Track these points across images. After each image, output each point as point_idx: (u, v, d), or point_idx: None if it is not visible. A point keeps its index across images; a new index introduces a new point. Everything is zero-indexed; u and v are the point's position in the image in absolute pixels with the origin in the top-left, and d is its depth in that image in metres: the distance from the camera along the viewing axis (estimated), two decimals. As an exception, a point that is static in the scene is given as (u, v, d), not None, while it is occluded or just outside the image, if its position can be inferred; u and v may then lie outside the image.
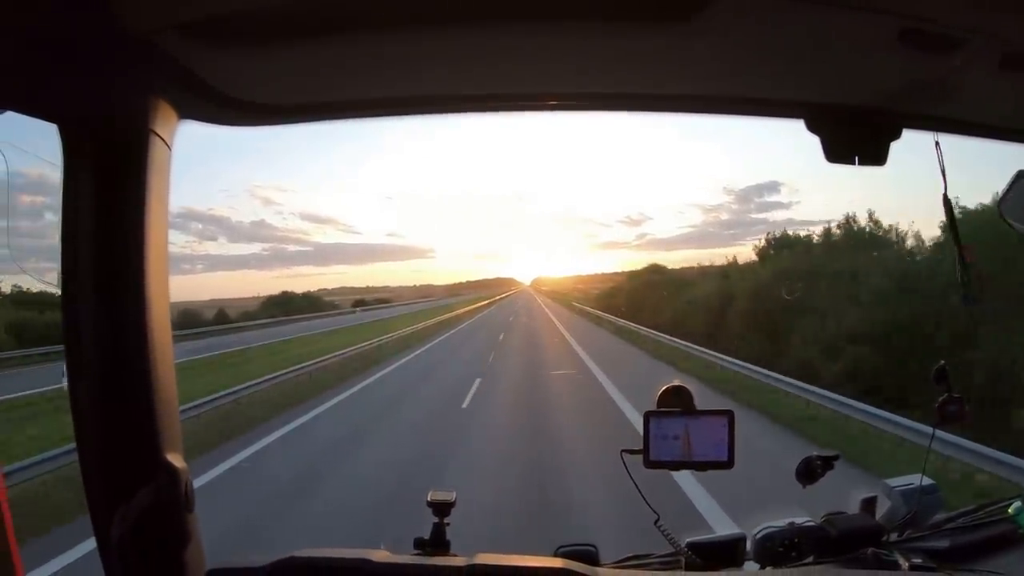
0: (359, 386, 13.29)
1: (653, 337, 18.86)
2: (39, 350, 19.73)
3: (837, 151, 1.11)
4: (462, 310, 45.58)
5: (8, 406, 11.41)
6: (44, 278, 0.83)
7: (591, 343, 20.60)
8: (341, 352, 16.62)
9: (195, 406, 9.16)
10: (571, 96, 1.09)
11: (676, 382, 1.22)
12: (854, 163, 1.11)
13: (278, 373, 12.68)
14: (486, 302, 66.42)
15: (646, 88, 1.08)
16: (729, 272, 23.69)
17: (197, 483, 0.94)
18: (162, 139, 0.89)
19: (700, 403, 1.19)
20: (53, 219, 0.84)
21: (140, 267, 0.85)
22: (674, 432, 1.17)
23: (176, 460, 0.91)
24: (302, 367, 13.77)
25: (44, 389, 11.49)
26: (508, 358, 17.39)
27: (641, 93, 1.09)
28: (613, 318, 26.77)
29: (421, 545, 1.18)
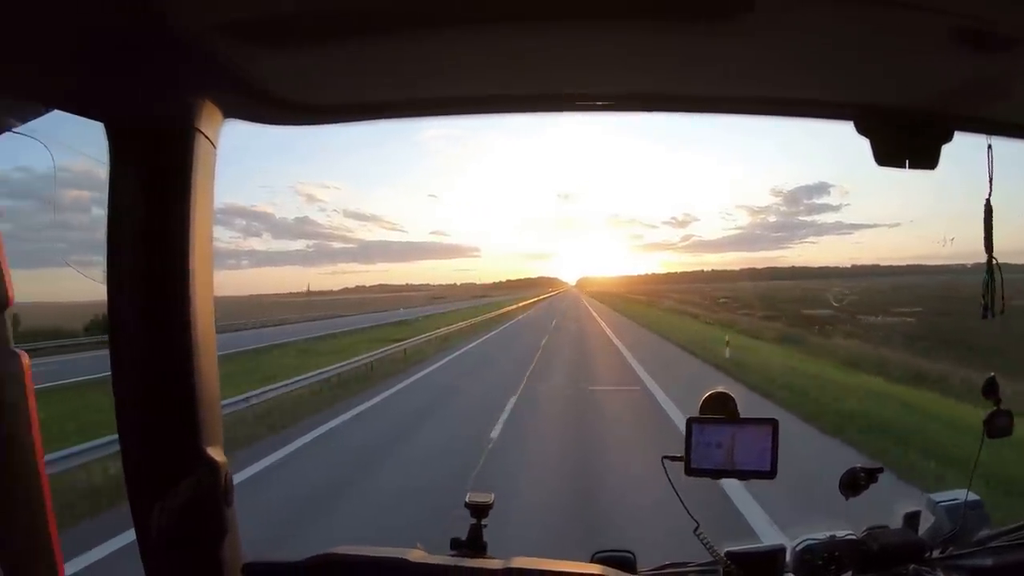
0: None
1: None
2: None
3: (887, 154, 1.08)
4: (492, 314, 40.09)
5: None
6: (90, 273, 0.84)
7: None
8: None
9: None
10: (617, 96, 1.08)
11: (721, 388, 1.19)
12: (904, 166, 1.08)
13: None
14: (518, 305, 60.02)
15: (694, 89, 1.06)
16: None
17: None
18: (207, 138, 0.90)
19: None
20: (100, 215, 0.84)
21: (185, 263, 0.87)
22: (717, 439, 1.15)
23: (216, 454, 0.92)
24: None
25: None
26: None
27: (689, 94, 1.07)
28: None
29: (458, 546, 1.18)
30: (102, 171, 0.84)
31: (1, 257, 0.68)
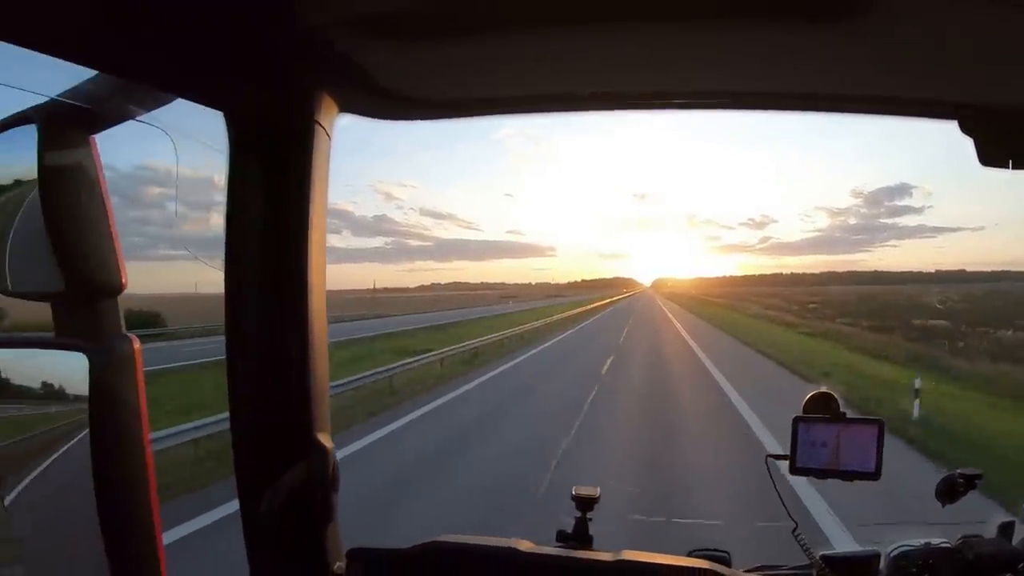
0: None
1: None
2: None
3: (991, 153, 1.04)
4: (554, 317, 35.14)
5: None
6: (211, 264, 0.87)
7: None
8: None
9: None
10: (706, 94, 1.07)
11: (823, 387, 1.19)
12: (1008, 166, 1.03)
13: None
14: (590, 306, 56.80)
15: (786, 86, 1.04)
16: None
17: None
18: (325, 131, 0.92)
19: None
20: (220, 206, 0.87)
21: (301, 254, 0.89)
22: (822, 439, 1.15)
23: (325, 440, 0.94)
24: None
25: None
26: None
27: (781, 92, 1.06)
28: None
29: (564, 538, 1.19)
30: (221, 161, 0.87)
31: (116, 243, 0.73)
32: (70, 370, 0.70)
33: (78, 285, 0.71)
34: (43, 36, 0.64)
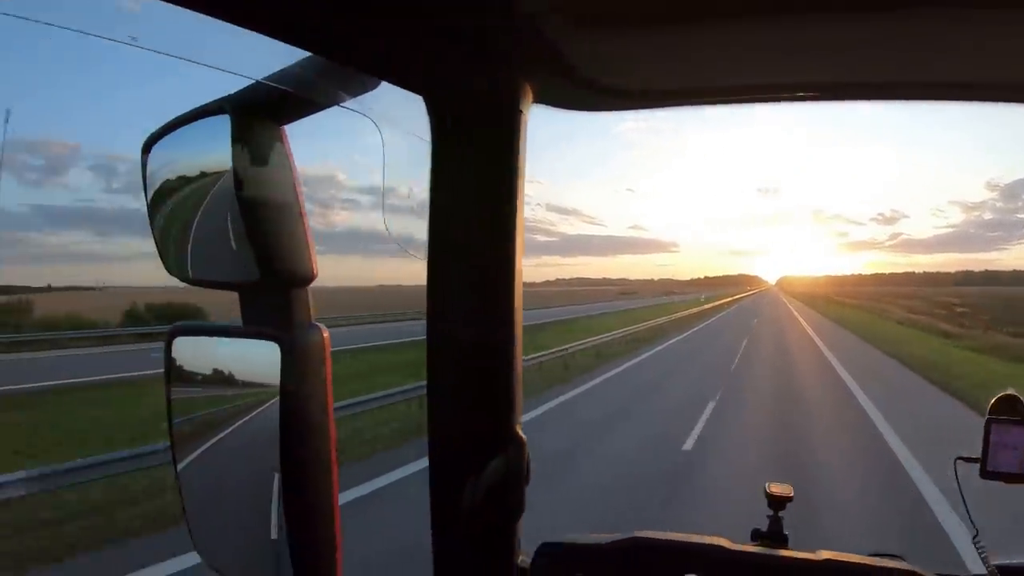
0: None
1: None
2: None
3: None
4: (659, 320, 32.04)
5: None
6: (416, 254, 0.87)
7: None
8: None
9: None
10: (845, 85, 0.99)
11: (1010, 390, 1.14)
12: None
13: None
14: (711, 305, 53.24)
15: (918, 75, 0.96)
16: None
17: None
18: (522, 121, 0.90)
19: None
20: (422, 195, 0.87)
21: (503, 244, 0.88)
22: (1014, 442, 1.11)
23: (520, 431, 0.93)
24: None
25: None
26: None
27: (914, 81, 0.97)
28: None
29: (759, 537, 1.16)
30: (423, 149, 0.87)
31: (307, 233, 0.74)
32: (261, 358, 0.72)
33: (271, 275, 0.72)
34: (249, 13, 0.64)
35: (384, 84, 0.80)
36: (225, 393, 0.79)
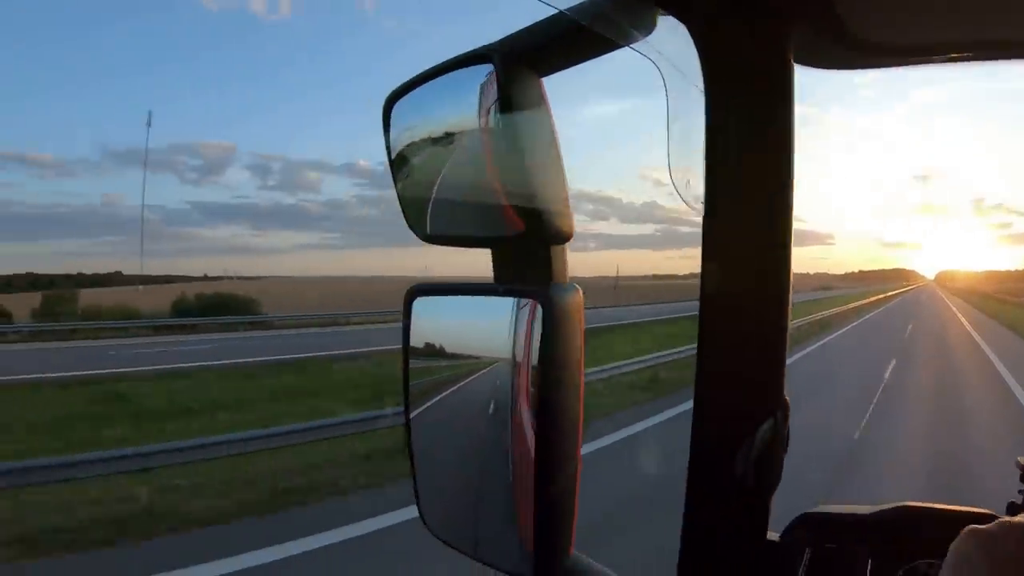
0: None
1: None
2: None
3: None
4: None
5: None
6: (695, 207, 0.84)
7: None
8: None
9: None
10: None
11: None
12: None
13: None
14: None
15: None
16: None
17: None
18: (792, 77, 0.85)
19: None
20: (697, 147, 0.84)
21: (772, 202, 0.84)
22: None
23: (786, 396, 0.90)
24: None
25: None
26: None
27: None
28: None
29: (1015, 510, 1.07)
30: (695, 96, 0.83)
31: (566, 190, 0.71)
32: (512, 315, 0.70)
33: (531, 232, 0.70)
34: None
35: (648, 44, 0.77)
36: (465, 352, 0.79)
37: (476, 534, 0.79)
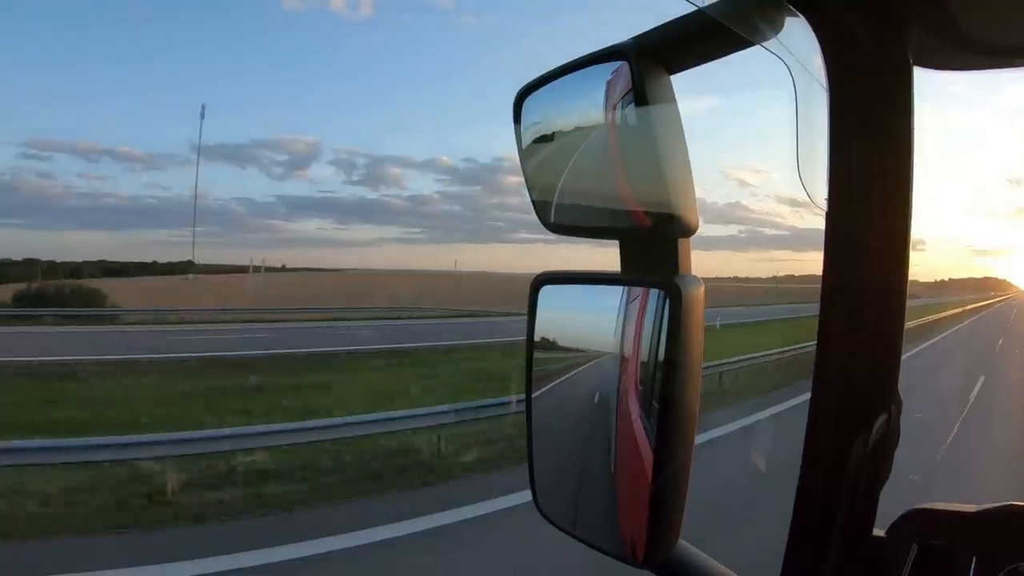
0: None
1: None
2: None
3: None
4: None
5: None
6: (820, 207, 0.84)
7: None
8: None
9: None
10: None
11: None
12: None
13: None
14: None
15: None
16: None
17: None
18: (911, 77, 0.85)
19: None
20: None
21: (890, 202, 0.85)
22: None
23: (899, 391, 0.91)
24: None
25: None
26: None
27: None
28: None
29: None
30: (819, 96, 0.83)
31: (691, 187, 0.73)
32: (640, 305, 0.72)
33: (658, 225, 0.72)
34: None
35: (778, 42, 0.77)
36: (585, 340, 0.81)
37: (584, 520, 0.82)
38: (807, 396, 0.90)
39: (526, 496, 0.89)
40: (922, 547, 0.99)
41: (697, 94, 0.77)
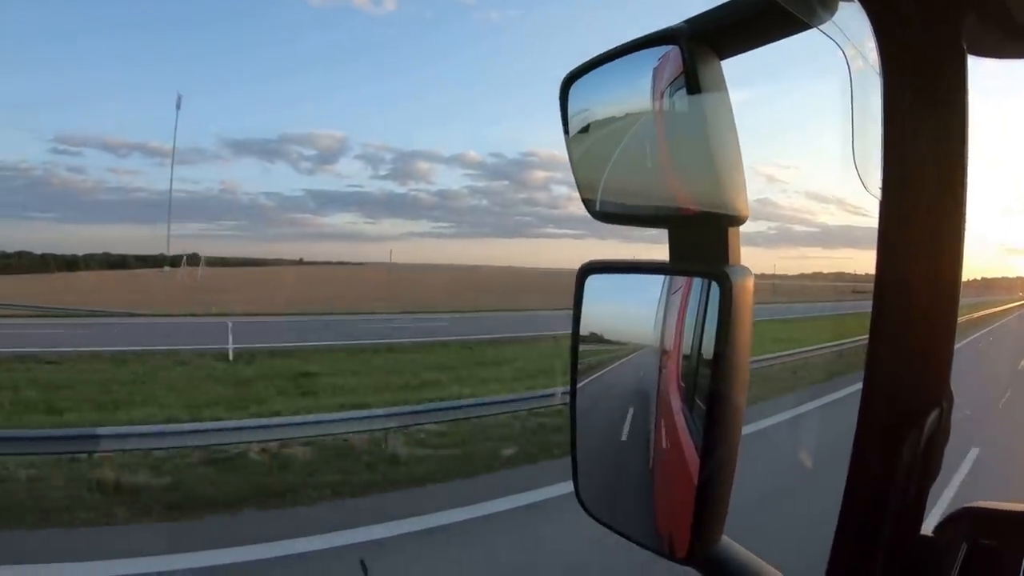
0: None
1: None
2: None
3: None
4: None
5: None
6: (875, 194, 0.82)
7: None
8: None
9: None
10: None
11: None
12: None
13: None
14: None
15: None
16: None
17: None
18: (967, 67, 0.82)
19: None
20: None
21: (944, 194, 0.82)
22: None
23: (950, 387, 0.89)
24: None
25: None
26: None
27: None
28: None
29: None
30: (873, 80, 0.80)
31: (741, 175, 0.72)
32: (688, 294, 0.71)
33: (706, 213, 0.71)
34: None
35: (833, 26, 0.75)
36: (631, 329, 0.80)
37: (624, 514, 0.81)
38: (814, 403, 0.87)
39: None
40: (971, 547, 0.96)
41: (732, 85, 0.75)
